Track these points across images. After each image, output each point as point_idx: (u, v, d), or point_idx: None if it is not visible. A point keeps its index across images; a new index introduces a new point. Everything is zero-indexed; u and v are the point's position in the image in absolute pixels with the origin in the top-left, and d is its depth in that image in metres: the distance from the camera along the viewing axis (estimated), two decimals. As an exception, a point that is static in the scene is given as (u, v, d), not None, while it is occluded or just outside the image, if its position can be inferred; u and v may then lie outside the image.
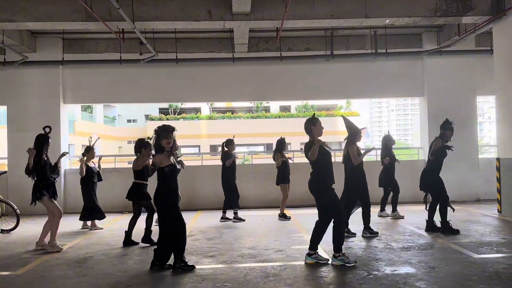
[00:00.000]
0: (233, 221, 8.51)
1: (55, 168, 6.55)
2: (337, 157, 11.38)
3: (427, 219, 7.03)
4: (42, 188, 6.29)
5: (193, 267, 5.11)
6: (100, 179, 8.33)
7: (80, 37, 10.71)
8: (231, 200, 8.55)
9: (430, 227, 6.97)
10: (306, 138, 8.91)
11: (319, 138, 5.28)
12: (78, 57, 10.71)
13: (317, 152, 5.11)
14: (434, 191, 6.99)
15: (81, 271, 5.20)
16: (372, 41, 10.59)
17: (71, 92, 10.88)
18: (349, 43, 10.95)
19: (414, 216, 8.50)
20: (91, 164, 8.22)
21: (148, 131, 41.18)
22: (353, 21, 8.59)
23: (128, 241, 6.63)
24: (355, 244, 6.25)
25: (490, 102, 73.51)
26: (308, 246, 5.40)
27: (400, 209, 9.63)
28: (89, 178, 8.11)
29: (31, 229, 8.36)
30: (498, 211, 8.63)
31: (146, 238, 6.64)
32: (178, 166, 5.46)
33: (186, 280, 4.70)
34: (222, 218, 8.64)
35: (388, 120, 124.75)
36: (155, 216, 6.40)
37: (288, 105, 49.28)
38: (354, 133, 6.68)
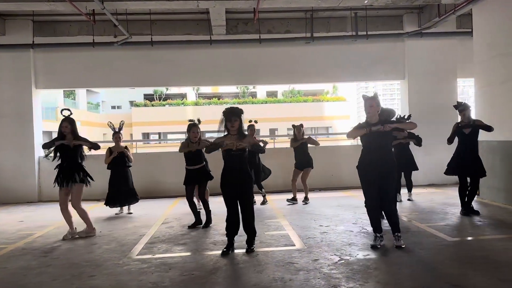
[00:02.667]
0: None
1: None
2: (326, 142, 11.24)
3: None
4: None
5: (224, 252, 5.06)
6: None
7: (52, 19, 10.29)
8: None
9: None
10: (292, 123, 8.74)
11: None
12: (50, 40, 10.27)
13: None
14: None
15: (45, 262, 5.01)
16: (352, 23, 10.39)
17: (43, 76, 10.50)
18: (329, 25, 10.73)
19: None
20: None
21: (133, 117, 40.67)
22: (331, 1, 8.38)
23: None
24: (330, 229, 6.16)
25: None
26: (286, 231, 5.31)
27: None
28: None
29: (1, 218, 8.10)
30: (477, 194, 8.62)
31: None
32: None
33: (153, 269, 4.54)
34: None
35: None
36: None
37: (275, 91, 49.02)
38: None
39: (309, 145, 8.72)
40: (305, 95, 44.43)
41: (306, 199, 8.62)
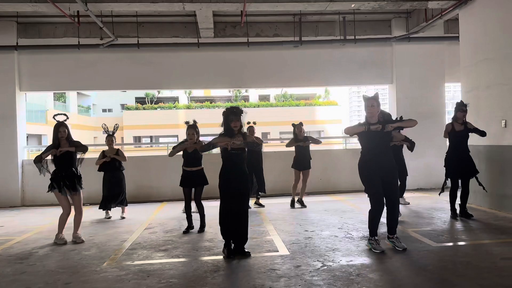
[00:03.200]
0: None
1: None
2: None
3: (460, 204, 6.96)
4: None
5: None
6: None
7: (37, 21, 10.13)
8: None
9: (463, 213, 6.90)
10: (285, 127, 8.68)
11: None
12: (34, 42, 10.14)
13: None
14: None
15: (20, 268, 4.86)
16: (341, 27, 10.38)
17: (28, 79, 10.32)
18: (318, 29, 10.71)
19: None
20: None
21: (124, 120, 40.41)
22: (318, 5, 8.34)
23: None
24: (315, 234, 6.08)
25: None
26: (271, 237, 5.27)
27: (365, 196, 9.58)
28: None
29: (-19, 223, 7.91)
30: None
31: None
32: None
33: (130, 277, 4.42)
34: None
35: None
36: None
37: (267, 94, 49.09)
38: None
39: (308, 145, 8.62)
40: (297, 99, 44.53)
41: (301, 202, 8.53)
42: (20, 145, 10.16)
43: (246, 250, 5.12)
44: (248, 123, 8.13)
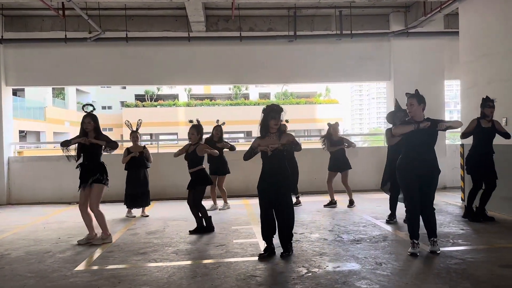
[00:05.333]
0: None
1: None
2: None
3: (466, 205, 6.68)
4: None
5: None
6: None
7: (23, 13, 9.82)
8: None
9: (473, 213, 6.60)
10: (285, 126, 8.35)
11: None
12: (21, 36, 9.84)
13: None
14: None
15: (-14, 272, 4.57)
16: (337, 22, 10.04)
17: (14, 73, 10.01)
18: (313, 23, 10.37)
19: (374, 205, 8.13)
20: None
21: (124, 118, 40.09)
22: (312, -3, 8.01)
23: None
24: (304, 237, 5.77)
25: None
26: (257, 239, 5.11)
27: (364, 197, 9.32)
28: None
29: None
30: (462, 199, 8.30)
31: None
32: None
33: (100, 283, 4.13)
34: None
35: (368, 108, 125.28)
36: None
37: (268, 92, 48.75)
38: None
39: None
40: (298, 97, 44.18)
41: (351, 202, 8.10)
42: (6, 142, 9.87)
43: (285, 252, 4.87)
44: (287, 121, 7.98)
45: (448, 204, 8.16)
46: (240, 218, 7.32)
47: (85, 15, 8.22)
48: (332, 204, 8.12)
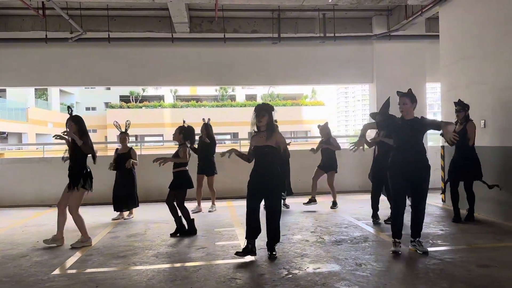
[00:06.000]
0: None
1: None
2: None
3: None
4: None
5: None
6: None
7: (3, 13, 9.63)
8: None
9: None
10: None
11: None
12: (1, 36, 9.66)
13: None
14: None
15: (-41, 278, 4.45)
16: (320, 25, 10.10)
17: (-8, 73, 9.85)
18: (297, 26, 10.42)
19: (357, 206, 8.18)
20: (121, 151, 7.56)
21: (108, 119, 39.67)
22: (295, 0, 8.04)
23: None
24: (286, 238, 5.77)
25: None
26: (239, 241, 5.14)
27: (348, 198, 9.36)
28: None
29: None
30: (442, 200, 8.42)
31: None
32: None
33: (78, 287, 4.06)
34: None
35: (354, 110, 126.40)
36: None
37: (254, 94, 48.80)
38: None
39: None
40: (284, 99, 44.33)
41: (334, 204, 8.12)
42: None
43: (274, 253, 4.86)
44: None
45: (429, 205, 8.23)
46: (223, 220, 7.28)
47: (65, 15, 8.11)
48: (311, 202, 8.11)
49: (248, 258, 4.86)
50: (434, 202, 8.48)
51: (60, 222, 5.71)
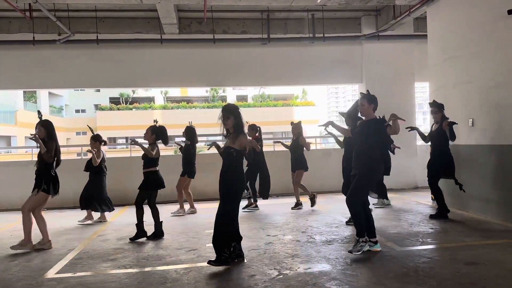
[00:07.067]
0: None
1: None
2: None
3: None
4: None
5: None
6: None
7: (-11, 15, 9.54)
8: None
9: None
10: (262, 128, 8.31)
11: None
12: (-13, 38, 9.56)
13: None
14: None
15: None
16: (309, 25, 10.14)
17: (-21, 76, 9.72)
18: (287, 26, 10.45)
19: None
20: (101, 154, 7.51)
21: (98, 121, 39.35)
22: (283, 0, 8.06)
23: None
24: (277, 239, 5.78)
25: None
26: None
27: (338, 198, 9.39)
28: (102, 168, 7.54)
29: None
30: (432, 199, 8.47)
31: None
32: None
33: (66, 291, 4.02)
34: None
35: (345, 109, 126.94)
36: None
37: (245, 95, 48.80)
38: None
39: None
40: (275, 99, 44.39)
41: (296, 204, 8.13)
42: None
43: (212, 260, 4.66)
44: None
45: (419, 204, 8.33)
46: (211, 222, 7.24)
47: (53, 16, 8.04)
48: (298, 205, 8.15)
49: (239, 260, 4.85)
50: (425, 201, 8.56)
51: (40, 226, 5.71)
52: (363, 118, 5.13)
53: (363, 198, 5.00)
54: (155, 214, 6.17)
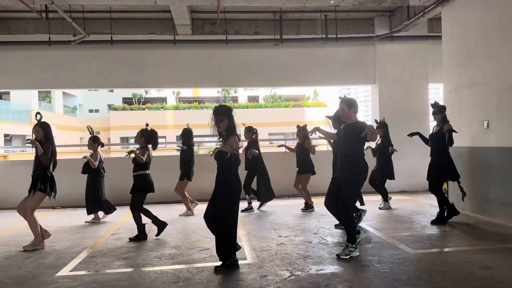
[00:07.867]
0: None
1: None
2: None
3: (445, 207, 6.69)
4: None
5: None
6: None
7: (6, 16, 9.69)
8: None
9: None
10: (273, 128, 8.34)
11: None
12: (4, 38, 9.72)
13: None
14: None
15: (-37, 280, 4.48)
16: (322, 26, 10.11)
17: (-4, 76, 9.90)
18: (299, 27, 10.43)
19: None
20: (98, 155, 7.55)
21: (111, 121, 39.76)
22: (297, 1, 8.04)
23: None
24: (289, 240, 5.78)
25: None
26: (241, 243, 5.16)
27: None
28: (100, 169, 7.55)
29: None
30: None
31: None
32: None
33: (81, 288, 4.08)
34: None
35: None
36: None
37: (256, 95, 48.83)
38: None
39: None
40: (286, 100, 44.34)
41: (306, 206, 8.08)
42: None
43: (218, 265, 4.64)
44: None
45: (432, 206, 8.23)
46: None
47: (68, 18, 8.15)
48: (308, 207, 8.09)
49: (251, 260, 4.87)
50: (437, 204, 8.44)
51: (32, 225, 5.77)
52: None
53: (354, 204, 5.20)
54: (139, 217, 6.17)
